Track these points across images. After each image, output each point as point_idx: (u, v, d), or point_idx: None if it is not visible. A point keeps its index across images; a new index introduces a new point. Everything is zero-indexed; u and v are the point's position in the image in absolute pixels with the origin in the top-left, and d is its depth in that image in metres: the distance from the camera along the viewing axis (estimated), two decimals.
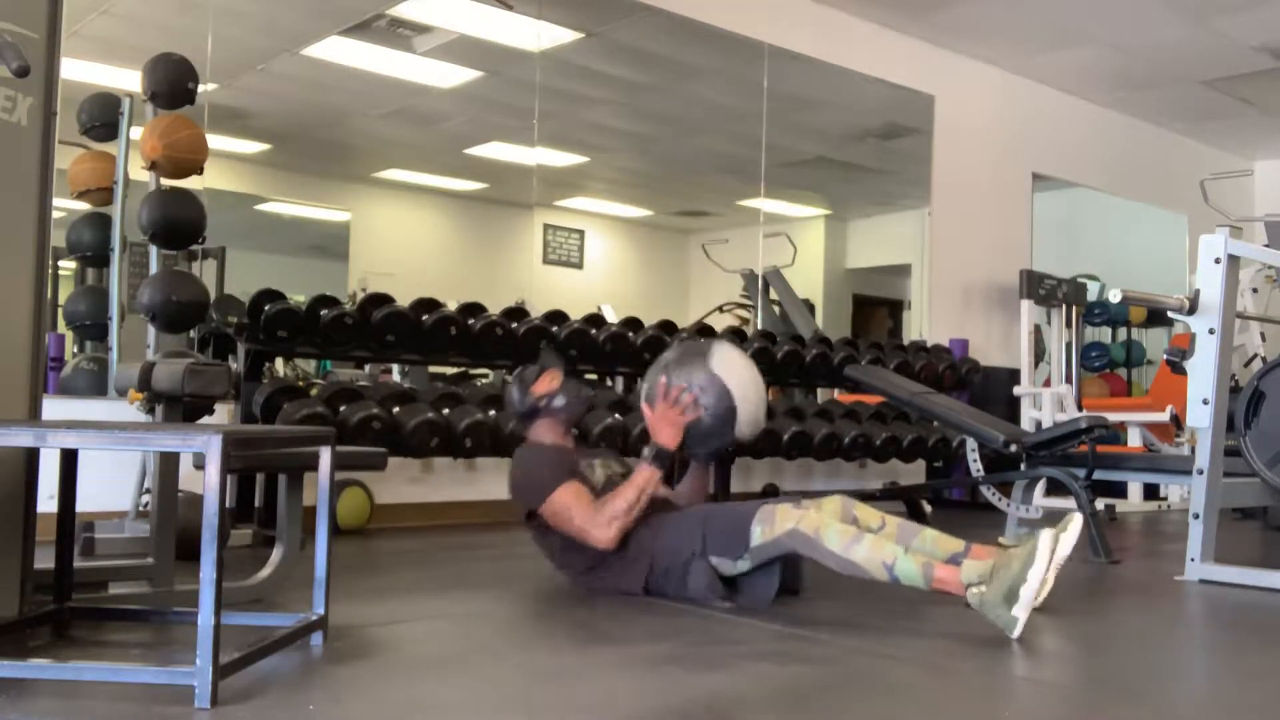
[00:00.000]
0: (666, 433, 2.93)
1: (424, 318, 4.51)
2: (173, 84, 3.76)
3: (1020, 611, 2.39)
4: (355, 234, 5.74)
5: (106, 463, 3.71)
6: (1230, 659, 2.47)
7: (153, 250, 3.77)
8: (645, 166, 6.77)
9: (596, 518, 2.85)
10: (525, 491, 2.97)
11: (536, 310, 5.03)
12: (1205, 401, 3.39)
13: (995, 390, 6.69)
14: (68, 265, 4.46)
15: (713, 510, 2.95)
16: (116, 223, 3.86)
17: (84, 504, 2.50)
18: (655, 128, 6.65)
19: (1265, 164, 9.53)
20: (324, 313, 4.27)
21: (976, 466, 4.81)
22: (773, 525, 2.71)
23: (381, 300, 4.46)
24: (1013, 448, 4.25)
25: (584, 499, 2.90)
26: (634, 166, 6.77)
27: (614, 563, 2.91)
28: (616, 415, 4.71)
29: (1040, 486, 5.25)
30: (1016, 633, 2.39)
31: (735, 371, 3.00)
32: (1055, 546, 2.51)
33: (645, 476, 2.88)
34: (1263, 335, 7.02)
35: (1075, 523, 2.65)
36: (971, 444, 4.81)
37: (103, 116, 3.87)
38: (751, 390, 3.02)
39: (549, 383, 3.15)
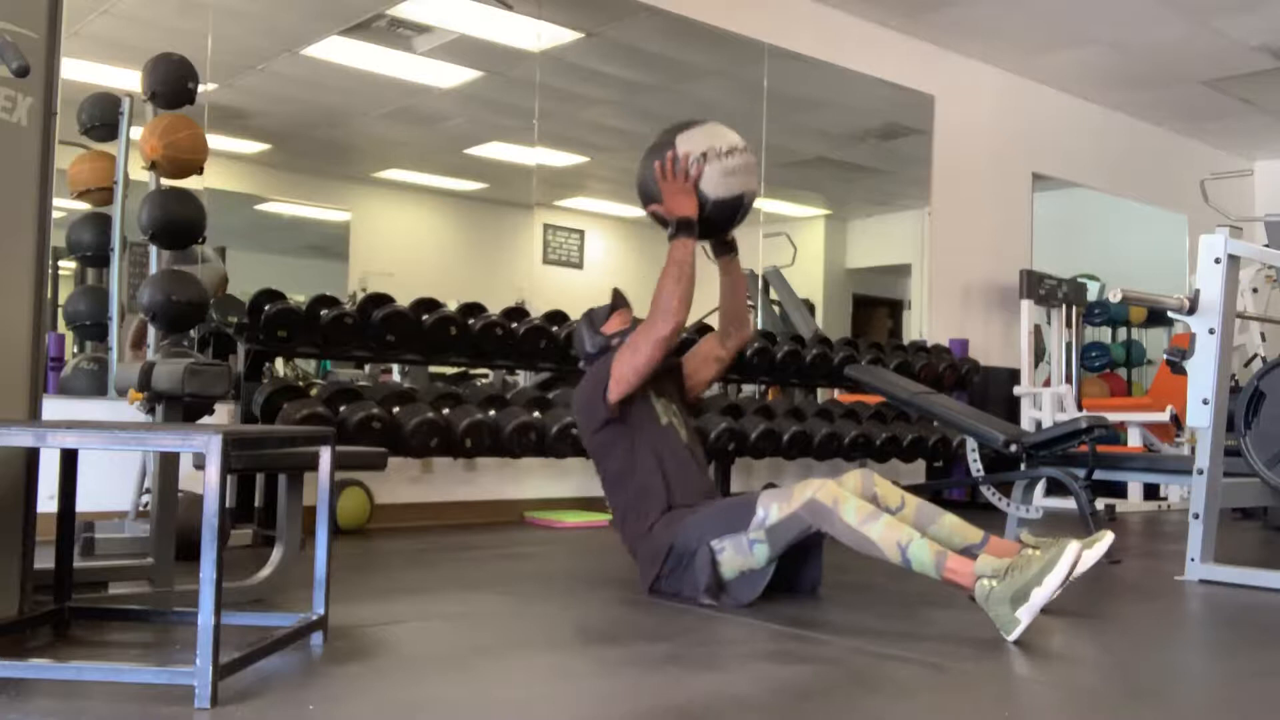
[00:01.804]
0: (681, 202, 2.91)
1: (424, 318, 4.51)
2: (173, 84, 3.76)
3: (1025, 614, 2.36)
4: (355, 234, 5.74)
5: (106, 463, 3.71)
6: (1230, 659, 2.47)
7: (153, 250, 3.77)
8: None
9: (651, 319, 2.88)
10: (590, 398, 2.96)
11: (536, 310, 5.03)
12: (1205, 401, 3.39)
13: (995, 390, 6.69)
14: (68, 265, 4.46)
15: (724, 499, 2.94)
16: (116, 223, 3.85)
17: (84, 504, 2.50)
18: (655, 128, 6.58)
19: (1265, 164, 9.53)
20: (324, 313, 4.27)
21: (976, 466, 4.81)
22: (789, 500, 2.68)
23: (381, 300, 4.46)
24: (1013, 448, 4.25)
25: (630, 337, 2.93)
26: (634, 167, 6.74)
27: (645, 531, 2.89)
28: None
29: (1040, 486, 5.25)
30: (1015, 635, 2.37)
31: (707, 131, 2.97)
32: (1079, 559, 2.48)
33: (679, 250, 2.89)
34: (1263, 335, 7.02)
35: (1104, 540, 2.65)
36: (971, 444, 4.81)
37: (103, 116, 3.87)
38: (730, 139, 2.97)
39: (620, 322, 3.15)
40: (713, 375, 3.29)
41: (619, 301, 3.22)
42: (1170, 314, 3.48)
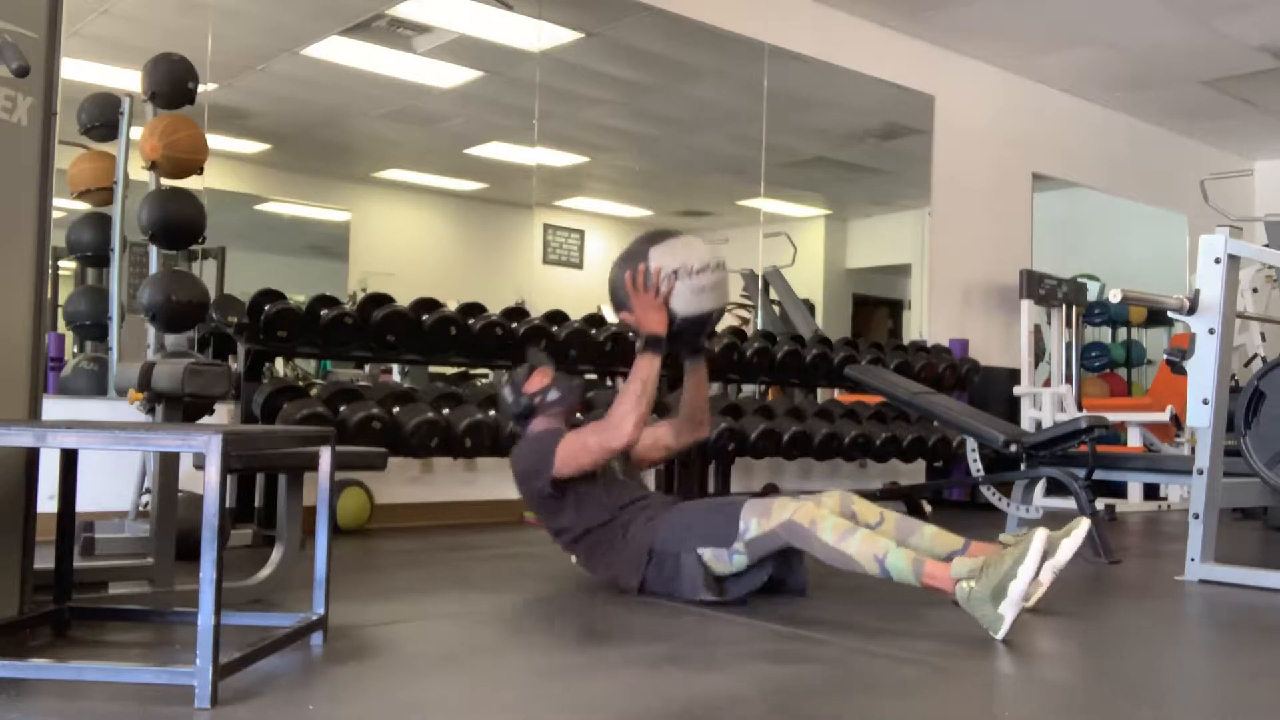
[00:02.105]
0: (651, 318, 2.91)
1: (424, 318, 4.51)
2: (173, 84, 3.76)
3: (1008, 610, 2.37)
4: (355, 234, 5.74)
5: (106, 463, 3.71)
6: (1230, 659, 2.47)
7: (153, 250, 3.77)
8: (645, 166, 6.77)
9: (607, 425, 2.89)
10: (532, 474, 2.99)
11: (536, 310, 5.03)
12: (1205, 401, 3.39)
13: (995, 390, 6.69)
14: (68, 265, 4.46)
15: (705, 503, 2.96)
16: (116, 223, 3.85)
17: (84, 504, 2.50)
18: (655, 128, 6.64)
19: (1265, 164, 9.53)
20: (324, 313, 4.27)
21: (976, 466, 4.81)
22: (769, 517, 2.71)
23: (381, 300, 4.46)
24: (1013, 448, 4.25)
25: (585, 428, 2.96)
26: (634, 166, 6.76)
27: (618, 545, 2.92)
28: None
29: (1040, 486, 5.25)
30: (1002, 633, 2.37)
31: (680, 246, 2.97)
32: (1051, 548, 2.51)
33: (645, 365, 2.90)
34: (1263, 335, 7.02)
35: (1080, 529, 2.64)
36: (971, 444, 4.81)
37: (103, 116, 3.87)
38: (703, 255, 2.97)
39: (540, 380, 3.18)
40: (658, 460, 3.35)
41: (537, 361, 3.28)
42: (1170, 314, 3.48)
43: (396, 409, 4.26)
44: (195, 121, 3.77)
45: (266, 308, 4.14)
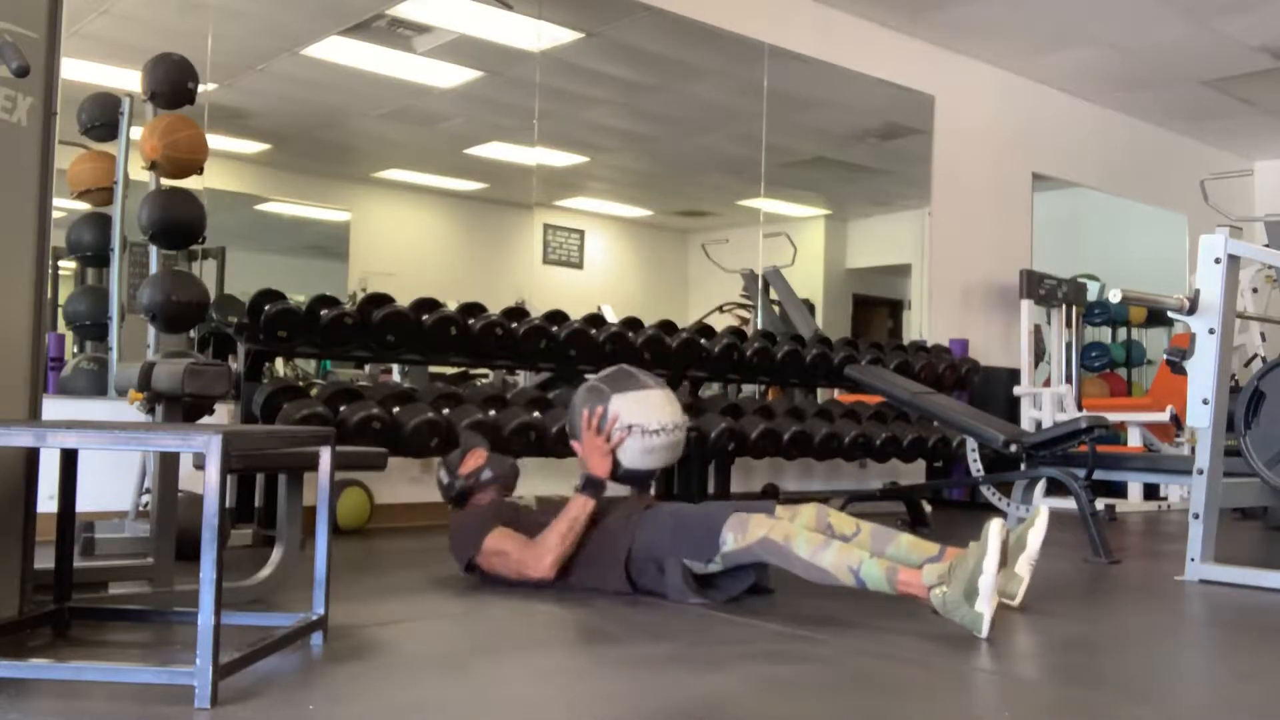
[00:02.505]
0: (597, 462, 3.00)
1: (424, 318, 4.51)
2: (173, 84, 3.76)
3: (983, 606, 2.39)
4: (355, 234, 5.74)
5: (106, 463, 3.71)
6: (1230, 659, 2.47)
7: (153, 250, 3.77)
8: (645, 166, 6.77)
9: (530, 552, 2.95)
10: (459, 547, 3.10)
11: (536, 310, 5.03)
12: (1205, 401, 3.39)
13: (995, 390, 6.69)
14: (68, 265, 4.46)
15: (686, 512, 2.96)
16: (116, 223, 3.85)
17: (84, 504, 2.50)
18: (655, 128, 6.64)
19: (1265, 164, 9.53)
20: (324, 313, 4.27)
21: (976, 466, 4.81)
22: (745, 534, 2.74)
23: (381, 300, 4.46)
24: (1013, 448, 4.25)
25: (515, 538, 3.00)
26: (634, 166, 6.76)
27: (597, 561, 2.95)
28: None
29: (1040, 486, 5.25)
30: (984, 630, 2.39)
31: (642, 401, 3.02)
32: (1019, 541, 2.64)
33: (578, 506, 2.96)
34: (1263, 335, 7.02)
35: (1041, 517, 2.74)
36: (971, 444, 4.81)
37: (103, 116, 3.87)
38: (663, 416, 3.02)
39: (474, 461, 3.28)
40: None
41: (470, 442, 3.37)
42: (1170, 314, 3.48)
43: (396, 409, 4.26)
44: (195, 121, 3.77)
45: (266, 308, 4.14)
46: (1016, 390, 6.51)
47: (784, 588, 2.97)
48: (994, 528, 2.44)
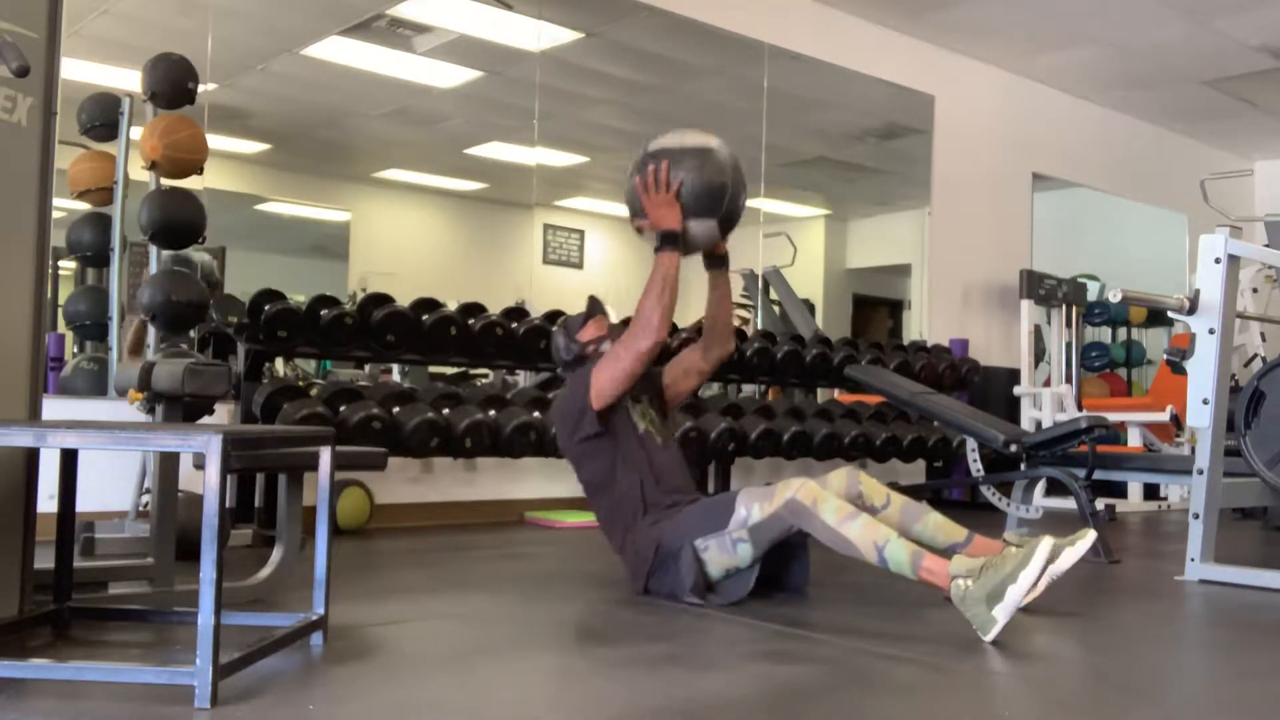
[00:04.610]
0: (665, 215, 2.93)
1: (424, 318, 4.51)
2: (173, 84, 3.76)
3: (1001, 613, 2.35)
4: (355, 234, 5.73)
5: (106, 463, 3.71)
6: (1230, 659, 2.47)
7: (153, 250, 3.77)
8: None
9: (633, 331, 2.87)
10: (574, 408, 2.95)
11: (536, 310, 5.03)
12: (1205, 401, 3.39)
13: (995, 390, 6.69)
14: (68, 265, 4.46)
15: (708, 499, 2.94)
16: (116, 223, 3.85)
17: (84, 504, 2.50)
18: (655, 128, 6.60)
19: (1265, 164, 9.53)
20: (324, 313, 4.27)
21: (976, 466, 4.81)
22: (770, 500, 2.69)
23: (381, 300, 4.46)
24: (1013, 448, 4.25)
25: (614, 346, 2.92)
26: None
27: (636, 530, 2.89)
28: None
29: (1040, 486, 5.25)
30: (992, 635, 2.36)
31: (681, 136, 3.00)
32: (1055, 555, 2.49)
33: (664, 263, 2.90)
34: (1263, 335, 7.01)
35: (1085, 539, 2.62)
36: (971, 444, 4.81)
37: (103, 116, 3.87)
38: (703, 140, 3.00)
39: (595, 330, 3.17)
40: (693, 387, 3.31)
41: (594, 309, 3.24)
42: (1170, 314, 3.48)
43: (396, 409, 4.26)
44: (195, 121, 3.77)
45: (266, 308, 4.14)
46: (1016, 390, 6.51)
47: (784, 588, 2.96)
48: (1045, 544, 2.39)
